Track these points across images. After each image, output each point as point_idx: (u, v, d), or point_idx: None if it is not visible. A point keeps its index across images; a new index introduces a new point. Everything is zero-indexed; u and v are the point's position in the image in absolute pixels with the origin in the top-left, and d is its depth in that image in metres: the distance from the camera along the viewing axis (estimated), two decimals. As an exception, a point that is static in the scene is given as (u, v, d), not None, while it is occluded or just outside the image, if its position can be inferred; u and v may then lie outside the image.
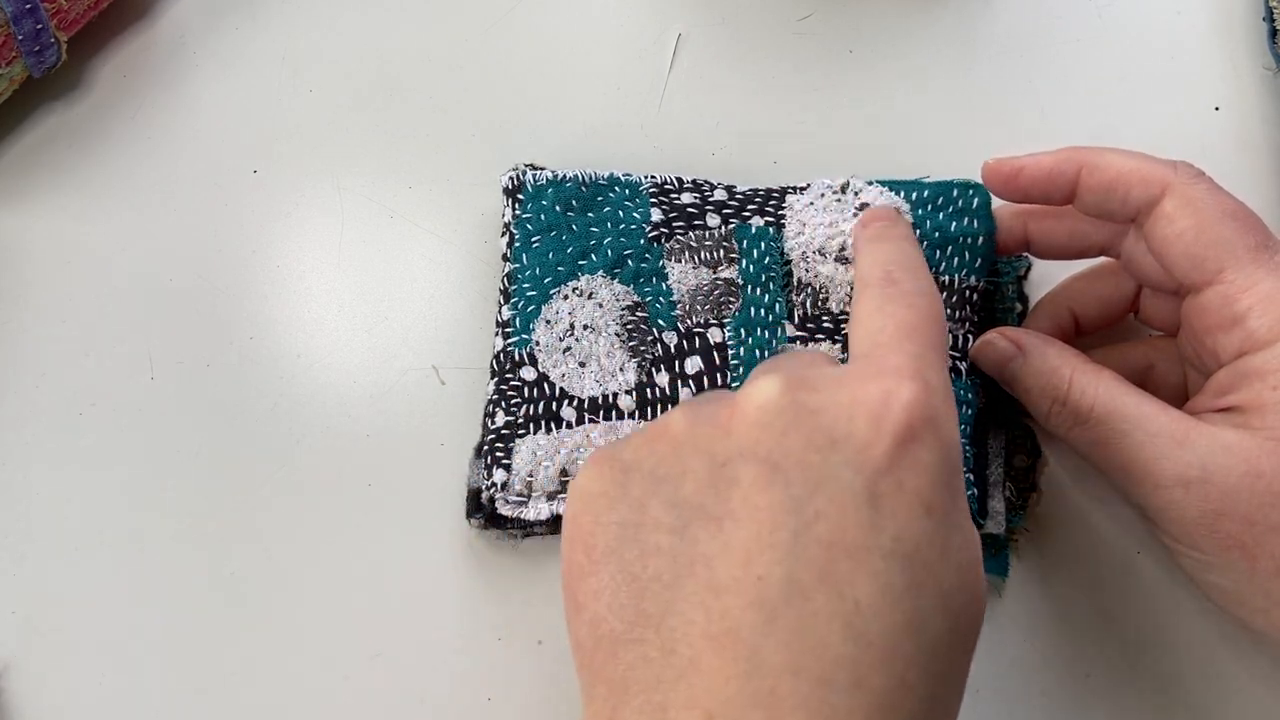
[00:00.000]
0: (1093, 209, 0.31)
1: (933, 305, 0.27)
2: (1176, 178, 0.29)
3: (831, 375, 0.25)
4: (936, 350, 0.26)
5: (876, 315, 0.27)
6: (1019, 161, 0.32)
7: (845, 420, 0.23)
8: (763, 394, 0.24)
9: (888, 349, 0.25)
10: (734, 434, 0.24)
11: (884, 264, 0.29)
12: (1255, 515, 0.27)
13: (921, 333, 0.26)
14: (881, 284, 0.28)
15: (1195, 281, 0.29)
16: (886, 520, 0.22)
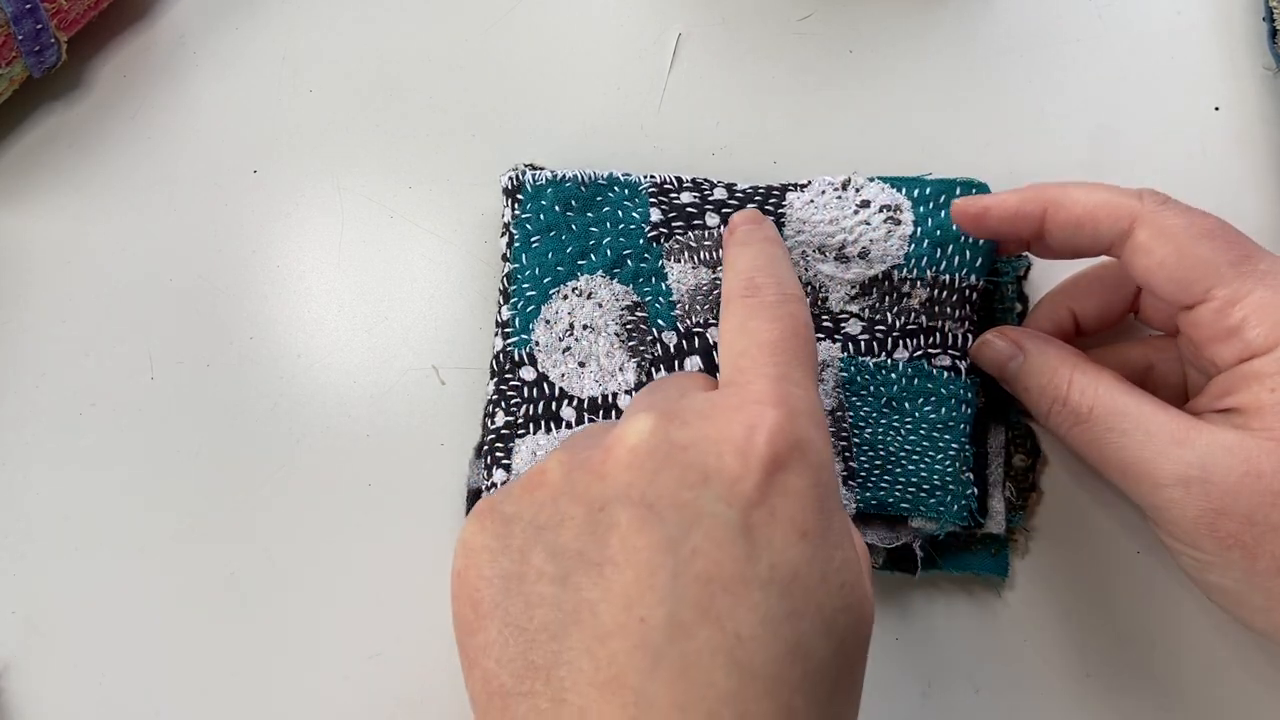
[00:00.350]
0: (1062, 246, 0.31)
1: (796, 313, 0.28)
2: (1144, 208, 0.29)
3: (700, 407, 0.25)
4: (801, 364, 0.26)
5: (739, 335, 0.27)
6: (985, 201, 0.32)
7: (714, 456, 0.24)
8: (634, 434, 0.24)
9: (751, 373, 0.26)
10: (608, 477, 0.24)
11: (747, 270, 0.29)
12: (1255, 514, 0.27)
13: (784, 349, 0.26)
14: (743, 295, 0.28)
15: (1185, 303, 0.29)
16: (762, 550, 0.23)
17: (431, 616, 0.35)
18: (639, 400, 0.28)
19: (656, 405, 0.26)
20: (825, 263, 0.35)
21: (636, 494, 0.24)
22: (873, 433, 0.34)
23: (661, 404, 0.26)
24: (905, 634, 0.35)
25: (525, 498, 0.25)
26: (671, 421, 0.25)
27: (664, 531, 0.23)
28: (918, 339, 0.35)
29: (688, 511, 0.23)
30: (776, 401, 0.25)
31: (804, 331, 0.27)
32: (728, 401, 0.25)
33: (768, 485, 0.23)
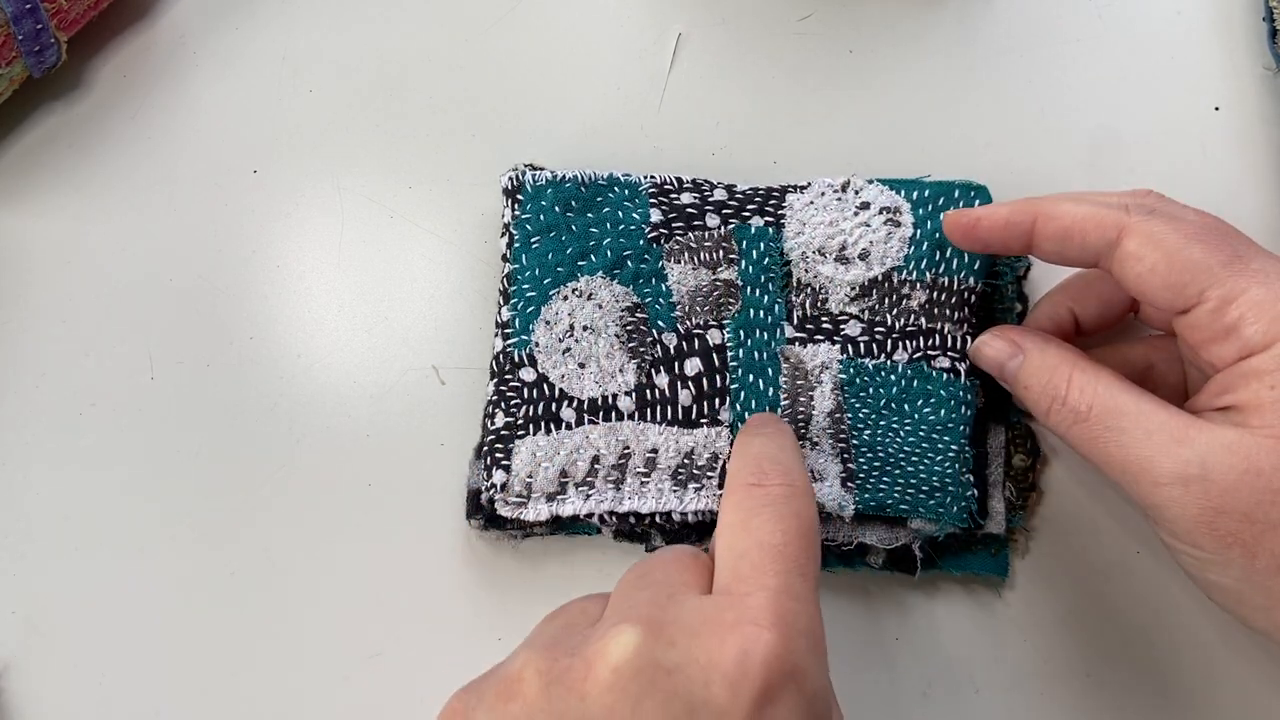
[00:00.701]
0: (1052, 256, 0.31)
1: (802, 511, 0.27)
2: (1130, 217, 0.29)
3: (692, 619, 0.24)
4: (804, 574, 0.25)
5: (740, 534, 0.26)
6: (976, 213, 0.32)
7: (702, 685, 0.23)
8: (618, 652, 0.23)
9: (750, 582, 0.25)
10: (588, 698, 0.23)
11: (754, 458, 0.28)
12: (1255, 513, 0.27)
13: (787, 556, 0.25)
14: (747, 487, 0.27)
15: (1180, 307, 0.29)
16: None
17: (431, 616, 0.35)
18: (625, 594, 0.26)
19: (643, 613, 0.24)
20: (825, 264, 0.35)
21: (617, 719, 0.23)
22: (872, 434, 0.34)
23: (649, 611, 0.24)
24: (905, 634, 0.35)
25: (500, 708, 0.24)
26: (659, 639, 0.24)
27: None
28: (917, 340, 0.35)
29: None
30: (774, 622, 0.24)
31: (810, 534, 0.26)
32: (722, 616, 0.24)
33: (758, 716, 0.23)
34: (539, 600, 0.35)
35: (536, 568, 0.36)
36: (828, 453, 0.34)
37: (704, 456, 0.34)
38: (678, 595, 0.25)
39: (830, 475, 0.34)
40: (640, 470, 0.34)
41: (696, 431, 0.34)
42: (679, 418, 0.34)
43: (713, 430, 0.34)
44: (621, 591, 0.27)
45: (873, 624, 0.35)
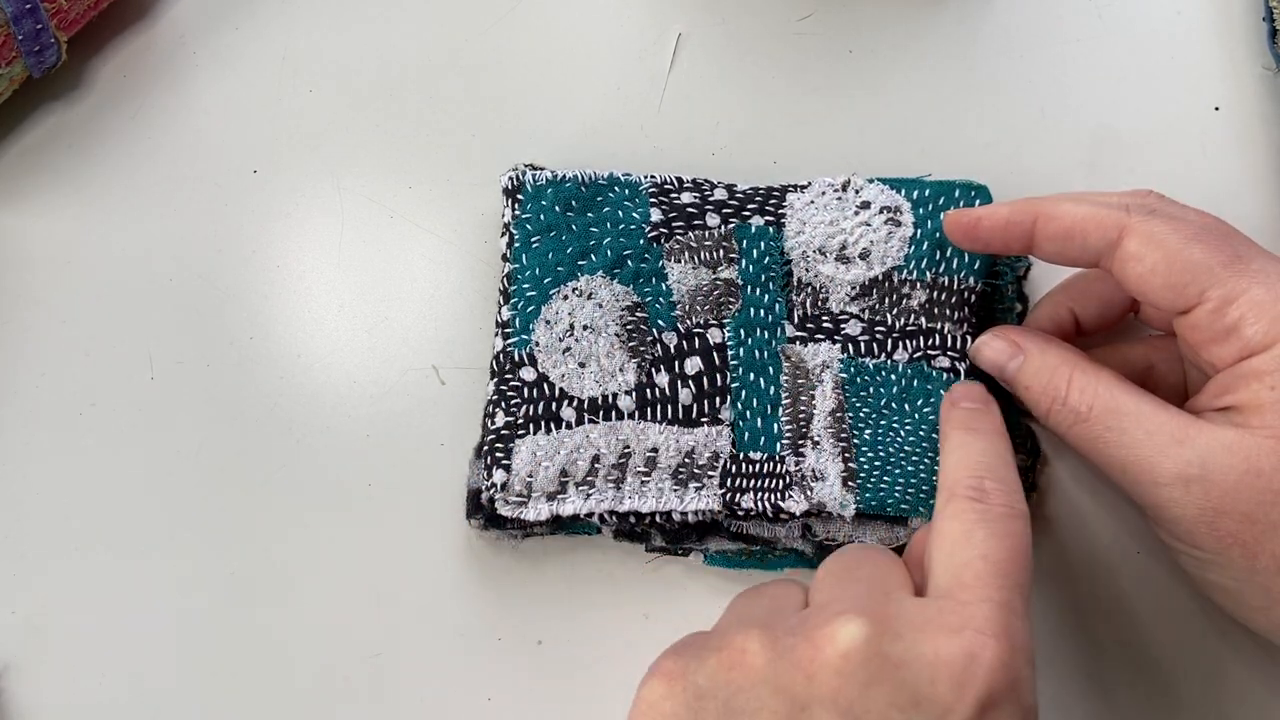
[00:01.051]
0: (1053, 256, 0.31)
1: (1023, 532, 0.27)
2: (1131, 219, 0.29)
3: (914, 618, 0.25)
4: (1023, 594, 0.26)
5: (964, 543, 0.26)
6: (977, 213, 0.32)
7: (928, 680, 0.23)
8: (846, 639, 0.24)
9: (973, 591, 0.25)
10: (815, 679, 0.24)
11: (975, 468, 0.28)
12: (1255, 513, 0.27)
13: (1010, 573, 0.26)
14: (971, 498, 0.28)
15: (1180, 307, 0.29)
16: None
17: (432, 616, 0.35)
18: (836, 584, 0.27)
19: (865, 605, 0.25)
20: (826, 263, 0.35)
21: (844, 703, 0.23)
22: (873, 433, 0.34)
23: (870, 605, 0.25)
24: (905, 634, 0.35)
25: (722, 674, 0.25)
26: (885, 632, 0.24)
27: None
28: (917, 340, 0.35)
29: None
30: (1000, 633, 0.24)
31: (1029, 557, 0.27)
32: (946, 619, 0.24)
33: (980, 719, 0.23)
34: (539, 600, 0.35)
35: (536, 568, 0.36)
36: (828, 452, 0.34)
37: (704, 455, 0.34)
38: (894, 594, 0.26)
39: (831, 474, 0.34)
40: (641, 470, 0.34)
41: (697, 430, 0.34)
42: (679, 417, 0.34)
43: (713, 429, 0.34)
44: (830, 582, 0.27)
45: (873, 624, 0.35)
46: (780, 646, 0.25)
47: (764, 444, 0.34)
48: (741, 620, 0.27)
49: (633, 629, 0.35)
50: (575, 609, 0.35)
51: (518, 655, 0.35)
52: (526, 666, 0.35)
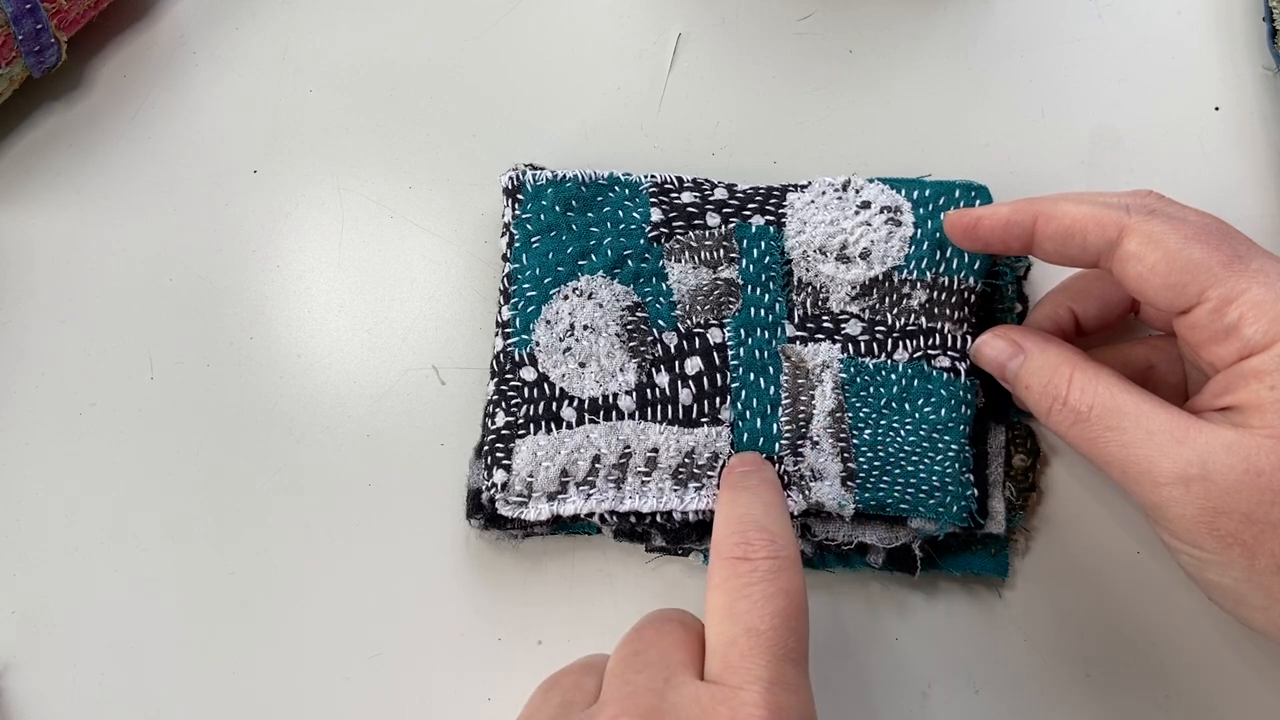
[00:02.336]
0: (1053, 256, 0.31)
1: (789, 586, 0.27)
2: (1130, 218, 0.29)
3: (687, 710, 0.25)
4: (794, 660, 0.26)
5: (728, 619, 0.26)
6: (976, 213, 0.32)
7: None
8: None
9: (740, 673, 0.25)
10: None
11: (739, 523, 0.28)
12: (1255, 513, 0.27)
13: (776, 643, 0.26)
14: (733, 561, 0.27)
15: (1180, 307, 0.29)
16: None
17: (432, 616, 0.35)
18: (621, 675, 0.27)
19: (641, 702, 0.25)
20: (826, 263, 0.35)
21: None
22: (872, 433, 0.34)
23: (647, 700, 0.25)
24: (905, 634, 0.35)
25: None
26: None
27: None
28: (917, 340, 0.35)
29: None
30: (765, 706, 0.24)
31: (798, 613, 0.27)
32: (718, 711, 0.25)
33: None
34: (539, 600, 0.35)
35: (536, 568, 0.36)
36: (828, 452, 0.34)
37: (705, 455, 0.34)
38: (674, 678, 0.26)
39: (831, 474, 0.34)
40: (641, 470, 0.34)
41: (697, 430, 0.34)
42: (680, 417, 0.34)
43: (713, 429, 0.34)
44: (617, 672, 0.27)
45: (873, 624, 0.35)
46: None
47: (763, 444, 0.34)
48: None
49: (633, 629, 0.35)
50: (575, 609, 0.35)
51: (518, 655, 0.35)
52: (526, 666, 0.35)
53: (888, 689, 0.35)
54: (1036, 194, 0.32)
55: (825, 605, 0.36)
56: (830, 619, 0.36)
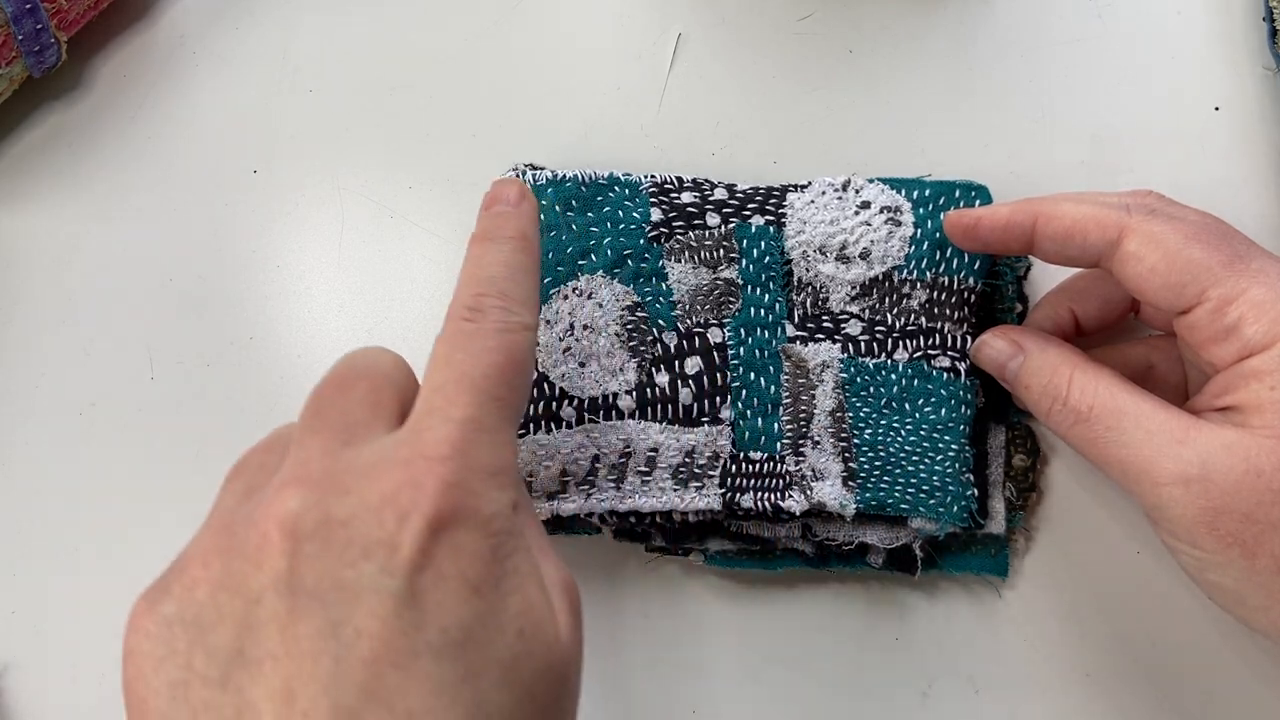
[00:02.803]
0: (1053, 257, 0.31)
1: (513, 344, 0.26)
2: (1131, 219, 0.29)
3: (364, 465, 0.23)
4: (500, 406, 0.25)
5: (442, 367, 0.25)
6: (977, 213, 0.32)
7: (375, 525, 0.22)
8: (288, 512, 0.22)
9: (437, 415, 0.24)
10: (264, 565, 0.22)
11: (476, 289, 0.27)
12: (1255, 513, 0.27)
13: (485, 388, 0.25)
14: (459, 321, 0.26)
15: (1180, 308, 0.29)
16: (431, 616, 0.22)
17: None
18: (300, 441, 0.25)
19: (314, 467, 0.23)
20: (826, 263, 0.35)
21: (295, 580, 0.22)
22: (873, 433, 0.34)
23: (321, 463, 0.24)
24: (905, 634, 0.35)
25: (184, 595, 0.23)
26: (329, 492, 0.23)
27: (325, 615, 0.21)
28: (917, 340, 0.35)
29: (348, 591, 0.22)
30: (450, 454, 0.23)
31: (518, 368, 0.26)
32: (398, 453, 0.23)
33: (432, 545, 0.22)
34: (539, 600, 0.35)
35: (536, 568, 0.36)
36: (829, 452, 0.34)
37: (705, 455, 0.34)
38: (357, 437, 0.24)
39: (831, 474, 0.34)
40: (641, 469, 0.34)
41: (697, 430, 0.34)
42: (680, 416, 0.34)
43: (713, 429, 0.34)
44: (295, 439, 0.25)
45: (873, 624, 0.35)
46: (234, 546, 0.23)
47: (764, 443, 0.34)
48: (207, 523, 0.25)
49: (633, 629, 0.35)
50: (575, 609, 0.35)
51: (518, 655, 0.35)
52: (526, 666, 0.35)
53: (888, 689, 0.35)
54: (1037, 194, 0.32)
55: (825, 605, 0.36)
56: (830, 619, 0.36)
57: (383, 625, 0.21)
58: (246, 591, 0.22)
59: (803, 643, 0.35)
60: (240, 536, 0.23)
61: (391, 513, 0.22)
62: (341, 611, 0.22)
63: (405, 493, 0.22)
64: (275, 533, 0.22)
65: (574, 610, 0.25)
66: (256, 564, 0.22)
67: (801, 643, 0.35)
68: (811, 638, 0.35)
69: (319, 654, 0.21)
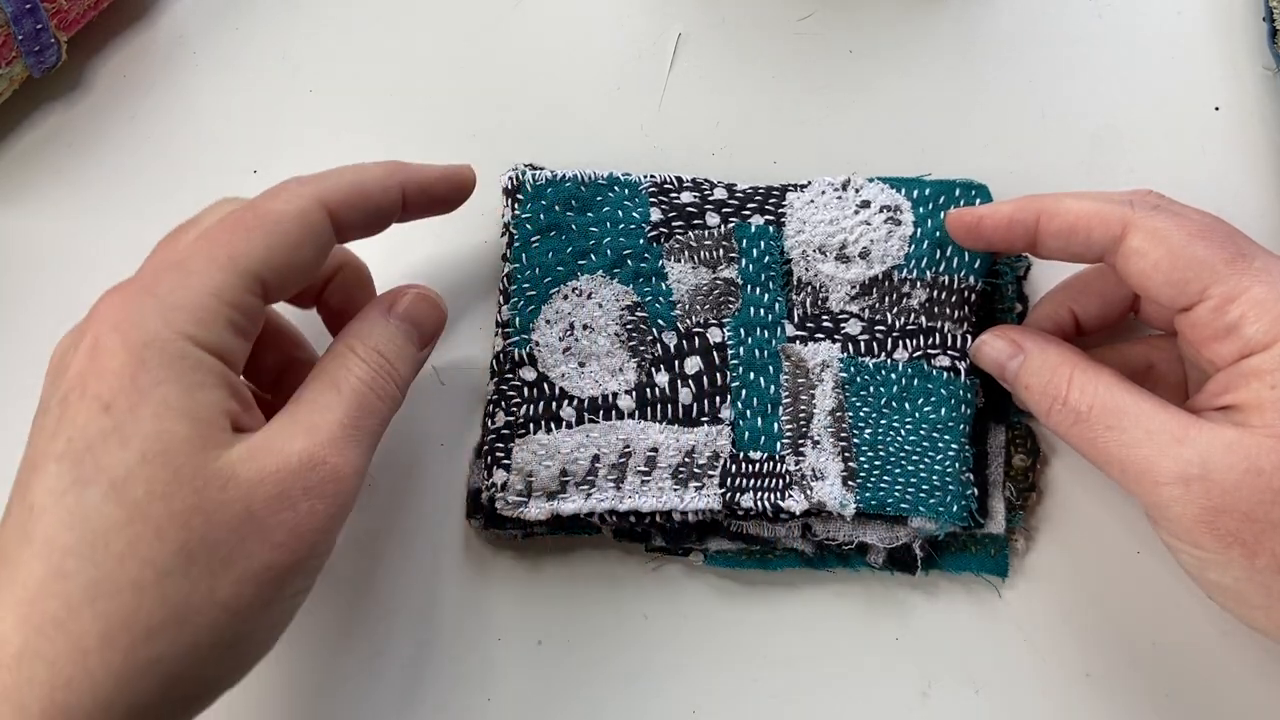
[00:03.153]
0: (1056, 253, 0.31)
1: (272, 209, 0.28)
2: (1135, 215, 0.29)
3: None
4: (231, 260, 0.27)
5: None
6: (979, 211, 0.32)
7: (70, 348, 0.27)
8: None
9: (149, 265, 0.29)
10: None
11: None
12: (1255, 512, 0.27)
13: (223, 253, 0.27)
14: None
15: (1182, 304, 0.29)
16: (67, 426, 0.25)
17: (432, 616, 0.35)
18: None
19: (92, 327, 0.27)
20: (826, 262, 0.35)
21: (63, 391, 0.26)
22: (873, 433, 0.34)
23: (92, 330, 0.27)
24: (905, 634, 0.35)
25: (59, 429, 0.26)
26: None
27: (38, 426, 0.26)
28: (917, 339, 0.35)
29: (40, 408, 0.27)
30: (141, 288, 0.26)
31: (248, 222, 0.28)
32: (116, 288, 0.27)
33: (87, 365, 0.26)
34: (539, 600, 0.35)
35: (536, 568, 0.36)
36: (829, 451, 0.34)
37: (705, 455, 0.34)
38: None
39: (832, 474, 0.34)
40: (641, 469, 0.34)
41: (697, 430, 0.34)
42: (679, 416, 0.34)
43: (713, 429, 0.34)
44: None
45: (873, 624, 0.35)
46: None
47: (764, 443, 0.34)
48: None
49: (633, 629, 0.35)
50: (575, 609, 0.35)
51: (517, 655, 0.35)
52: (526, 666, 0.35)
53: (888, 689, 0.35)
54: (1038, 194, 0.32)
55: (825, 605, 0.36)
56: (830, 619, 0.36)
57: (37, 433, 0.26)
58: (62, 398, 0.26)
59: (803, 643, 0.35)
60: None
61: (78, 336, 0.27)
62: (37, 423, 0.26)
63: (92, 317, 0.27)
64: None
65: (275, 475, 0.26)
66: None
67: (801, 643, 0.35)
68: (811, 638, 0.35)
69: (35, 453, 0.26)
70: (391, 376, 0.29)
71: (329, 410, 0.28)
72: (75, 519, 0.24)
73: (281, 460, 0.26)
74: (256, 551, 0.26)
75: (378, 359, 0.29)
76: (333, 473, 0.27)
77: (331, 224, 0.29)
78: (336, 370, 0.29)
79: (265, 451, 0.26)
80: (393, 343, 0.30)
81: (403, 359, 0.30)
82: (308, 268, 0.29)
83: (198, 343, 0.26)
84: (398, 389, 0.30)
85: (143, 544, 0.24)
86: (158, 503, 0.25)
